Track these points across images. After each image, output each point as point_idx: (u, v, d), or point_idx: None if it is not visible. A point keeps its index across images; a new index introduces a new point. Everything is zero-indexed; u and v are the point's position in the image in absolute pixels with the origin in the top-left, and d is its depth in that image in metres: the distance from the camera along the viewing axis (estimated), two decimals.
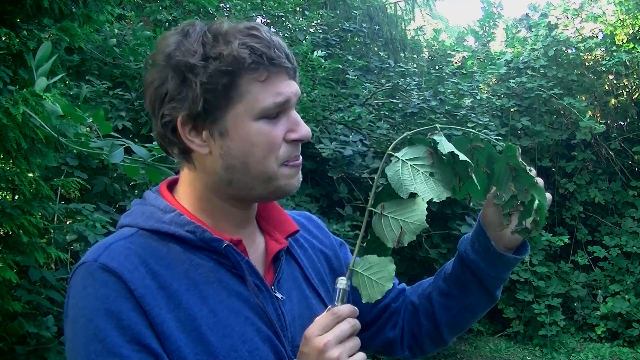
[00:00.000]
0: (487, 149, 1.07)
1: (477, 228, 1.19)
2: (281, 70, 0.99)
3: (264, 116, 0.98)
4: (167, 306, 0.94)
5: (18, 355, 2.44)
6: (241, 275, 1.02)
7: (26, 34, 2.33)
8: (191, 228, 1.01)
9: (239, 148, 0.99)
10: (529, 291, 6.59)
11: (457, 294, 1.23)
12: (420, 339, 1.28)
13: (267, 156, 0.99)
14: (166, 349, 0.93)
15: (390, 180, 1.03)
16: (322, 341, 0.95)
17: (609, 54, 7.44)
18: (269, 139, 0.99)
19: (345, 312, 0.98)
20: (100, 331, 0.90)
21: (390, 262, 1.03)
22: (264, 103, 0.97)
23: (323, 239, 1.27)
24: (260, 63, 0.96)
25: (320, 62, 5.32)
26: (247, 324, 1.00)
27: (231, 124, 0.98)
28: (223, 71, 0.95)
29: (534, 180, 1.07)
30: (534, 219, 1.08)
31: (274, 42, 0.98)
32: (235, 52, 0.95)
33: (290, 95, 1.00)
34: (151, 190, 1.10)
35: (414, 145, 1.06)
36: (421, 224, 1.02)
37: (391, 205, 1.04)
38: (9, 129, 1.71)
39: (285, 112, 1.01)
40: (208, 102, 0.96)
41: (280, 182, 1.02)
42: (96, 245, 1.01)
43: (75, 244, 3.07)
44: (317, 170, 5.65)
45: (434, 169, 1.03)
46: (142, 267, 0.95)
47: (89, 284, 0.93)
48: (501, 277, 1.21)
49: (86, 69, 4.16)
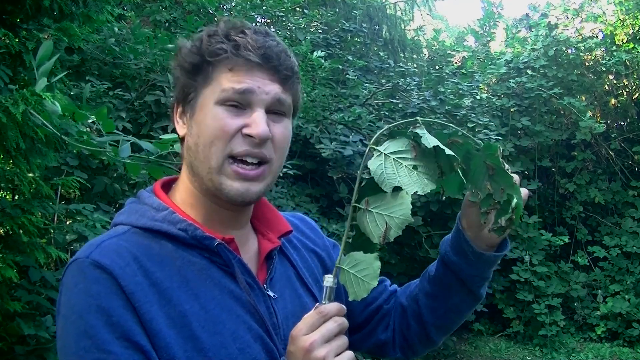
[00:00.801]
0: (466, 146, 1.04)
1: (456, 229, 1.18)
2: (255, 66, 1.00)
3: (225, 102, 1.00)
4: (158, 303, 0.95)
5: (18, 355, 2.44)
6: (233, 273, 1.02)
7: (25, 33, 2.33)
8: (183, 226, 1.02)
9: (196, 128, 1.03)
10: (529, 291, 6.59)
11: (442, 295, 1.23)
12: (410, 340, 1.28)
13: (214, 142, 1.00)
14: (155, 346, 0.93)
15: (373, 175, 1.01)
16: (308, 340, 0.94)
17: (609, 54, 7.44)
18: (221, 125, 1.00)
19: (332, 311, 0.98)
20: (91, 327, 0.91)
21: (375, 260, 1.01)
22: (224, 86, 1.00)
23: (316, 240, 1.28)
24: (233, 53, 1.00)
25: (320, 62, 5.32)
26: (239, 322, 1.00)
27: (199, 106, 1.03)
28: (193, 51, 1.03)
29: (512, 181, 1.05)
30: (510, 216, 1.06)
31: (258, 42, 1.00)
32: (213, 41, 1.01)
33: (254, 88, 1.00)
34: (145, 190, 1.11)
35: (396, 139, 1.04)
36: (406, 218, 0.99)
37: (375, 200, 1.02)
38: (9, 129, 1.71)
39: (252, 107, 1.01)
40: (185, 85, 1.04)
41: (222, 180, 1.01)
42: (89, 242, 1.02)
43: (75, 244, 3.07)
44: (317, 170, 5.65)
45: (417, 161, 1.01)
46: (134, 263, 0.96)
47: (81, 281, 0.94)
48: (483, 276, 1.20)
49: (86, 69, 4.16)
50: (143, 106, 4.35)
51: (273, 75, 1.01)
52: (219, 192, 1.02)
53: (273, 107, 1.02)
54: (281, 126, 1.04)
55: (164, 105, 4.29)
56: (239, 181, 1.01)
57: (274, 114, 1.03)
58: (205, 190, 1.04)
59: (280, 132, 1.04)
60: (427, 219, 5.90)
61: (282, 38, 1.05)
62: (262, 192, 1.04)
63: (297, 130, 5.23)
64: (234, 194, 1.01)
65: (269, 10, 6.06)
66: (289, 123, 1.07)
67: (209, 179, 1.01)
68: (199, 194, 1.06)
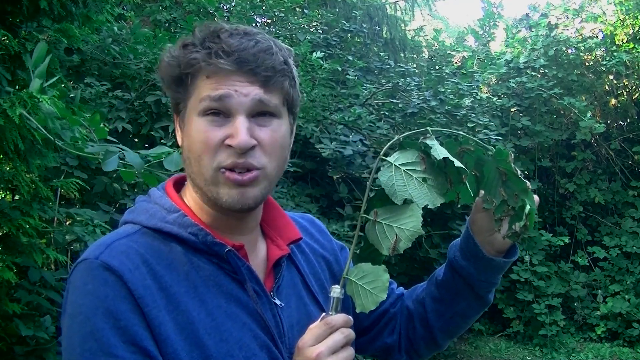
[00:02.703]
0: (477, 152, 1.05)
1: (466, 234, 1.18)
2: (230, 72, 0.97)
3: (205, 112, 0.98)
4: (165, 308, 0.94)
5: (17, 355, 2.43)
6: (241, 280, 1.02)
7: (25, 34, 2.32)
8: (194, 230, 1.01)
9: (186, 141, 1.02)
10: (529, 291, 6.59)
11: (449, 300, 1.22)
12: (416, 344, 1.28)
13: (201, 155, 0.98)
14: (162, 351, 0.92)
15: (384, 186, 1.01)
16: (315, 352, 0.94)
17: (609, 54, 7.44)
18: (204, 138, 0.98)
19: (338, 322, 0.98)
20: (97, 330, 0.90)
21: (384, 272, 1.01)
22: (201, 95, 0.98)
23: (325, 243, 1.27)
24: (207, 62, 0.97)
25: (319, 63, 5.31)
26: (245, 330, 0.99)
27: (187, 118, 1.02)
28: (172, 64, 1.00)
29: (525, 186, 1.05)
30: (524, 223, 1.06)
31: (232, 46, 0.96)
32: (187, 51, 0.99)
33: (231, 92, 0.96)
34: (157, 188, 1.10)
35: (406, 150, 1.04)
36: (417, 230, 1.00)
37: (385, 211, 1.02)
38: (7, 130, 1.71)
39: (233, 114, 0.98)
40: (172, 97, 1.04)
41: (218, 189, 0.99)
42: (98, 242, 1.00)
43: (75, 244, 3.07)
44: (317, 170, 5.65)
45: (427, 174, 1.01)
46: (143, 266, 0.95)
47: (89, 282, 0.93)
48: (492, 281, 1.20)
49: (86, 69, 4.15)
50: (143, 106, 4.34)
51: (251, 78, 0.97)
52: (217, 201, 1.00)
53: (256, 109, 0.98)
54: (269, 129, 1.00)
55: (164, 105, 4.28)
56: (235, 188, 0.98)
57: (261, 117, 0.99)
58: (207, 200, 1.03)
59: (268, 135, 0.99)
60: (427, 218, 5.88)
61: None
62: (258, 197, 1.01)
63: (297, 130, 5.21)
64: (230, 201, 0.99)
65: (269, 10, 6.05)
66: (281, 123, 1.02)
67: (207, 190, 1.00)
68: (201, 202, 1.05)
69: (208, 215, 1.05)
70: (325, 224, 5.24)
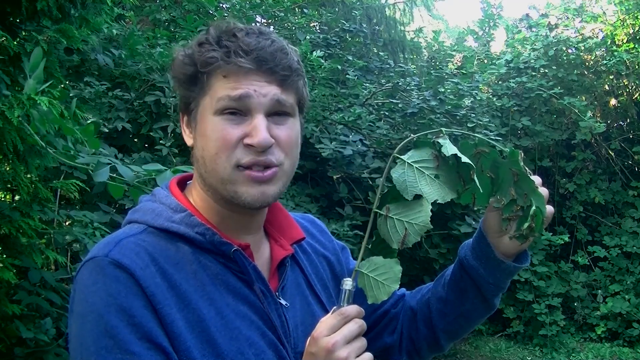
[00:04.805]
0: (492, 154, 1.07)
1: (478, 234, 1.18)
2: (249, 71, 0.97)
3: (222, 111, 0.98)
4: (176, 306, 0.94)
5: (17, 357, 2.43)
6: (247, 280, 1.02)
7: (24, 34, 2.32)
8: (201, 230, 1.01)
9: (200, 141, 1.01)
10: (529, 291, 6.59)
11: (455, 301, 1.22)
12: (418, 344, 1.28)
13: (218, 154, 0.98)
14: (175, 349, 0.93)
15: (395, 182, 1.03)
16: (330, 341, 0.95)
17: (609, 54, 7.43)
18: (221, 137, 0.98)
19: (352, 313, 0.99)
20: (112, 327, 0.89)
21: (396, 264, 1.04)
22: (219, 95, 0.98)
23: (326, 244, 1.28)
24: (225, 61, 0.97)
25: (319, 62, 5.31)
26: (253, 328, 1.00)
27: (199, 117, 1.01)
28: (186, 62, 1.00)
29: (534, 185, 1.06)
30: (529, 224, 1.07)
31: (250, 45, 0.97)
32: (204, 49, 0.99)
33: (251, 92, 0.97)
34: (161, 188, 1.10)
35: (419, 148, 1.06)
36: (426, 224, 1.02)
37: (396, 207, 1.05)
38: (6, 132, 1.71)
39: (251, 113, 0.98)
40: (184, 96, 1.03)
41: (237, 188, 0.99)
42: (105, 240, 1.00)
43: (75, 244, 3.06)
44: (317, 170, 5.64)
45: (439, 171, 1.04)
46: (152, 265, 0.95)
47: (100, 279, 0.92)
48: (500, 286, 1.20)
49: (86, 69, 4.15)
50: (143, 106, 4.34)
51: (270, 77, 0.98)
52: (235, 199, 1.00)
53: (274, 109, 1.00)
54: (286, 127, 1.01)
55: (163, 105, 4.28)
56: (254, 186, 0.99)
57: (277, 116, 1.00)
58: (220, 198, 1.03)
59: (286, 134, 1.01)
60: None
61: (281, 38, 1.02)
62: (277, 193, 1.02)
63: None
64: (250, 200, 0.99)
65: (269, 10, 6.05)
66: (295, 122, 1.04)
67: (223, 189, 1.00)
68: (211, 201, 1.05)
69: (217, 214, 1.05)
70: (325, 223, 5.21)
